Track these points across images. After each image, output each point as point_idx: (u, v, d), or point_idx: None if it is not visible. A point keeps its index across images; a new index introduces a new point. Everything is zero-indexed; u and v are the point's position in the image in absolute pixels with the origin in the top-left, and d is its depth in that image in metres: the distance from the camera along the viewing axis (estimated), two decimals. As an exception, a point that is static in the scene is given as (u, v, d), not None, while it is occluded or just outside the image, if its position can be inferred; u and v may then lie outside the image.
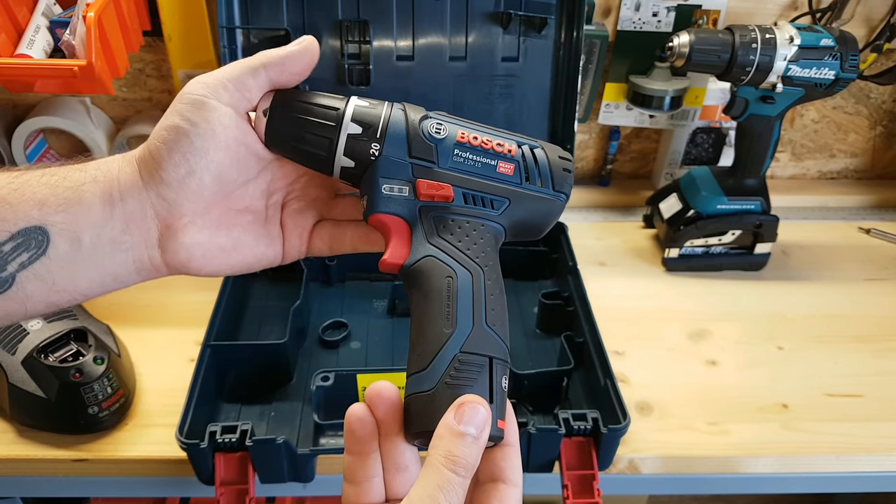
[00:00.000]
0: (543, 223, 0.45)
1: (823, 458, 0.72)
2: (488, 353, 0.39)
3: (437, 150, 0.42)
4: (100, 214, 0.38)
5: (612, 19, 0.97)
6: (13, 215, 0.36)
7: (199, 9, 0.88)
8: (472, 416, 0.36)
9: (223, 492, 0.65)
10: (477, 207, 0.43)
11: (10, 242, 0.36)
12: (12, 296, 0.37)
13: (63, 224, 0.37)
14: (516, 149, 0.44)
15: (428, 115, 0.43)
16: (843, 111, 1.09)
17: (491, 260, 0.42)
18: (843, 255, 1.00)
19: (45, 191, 0.37)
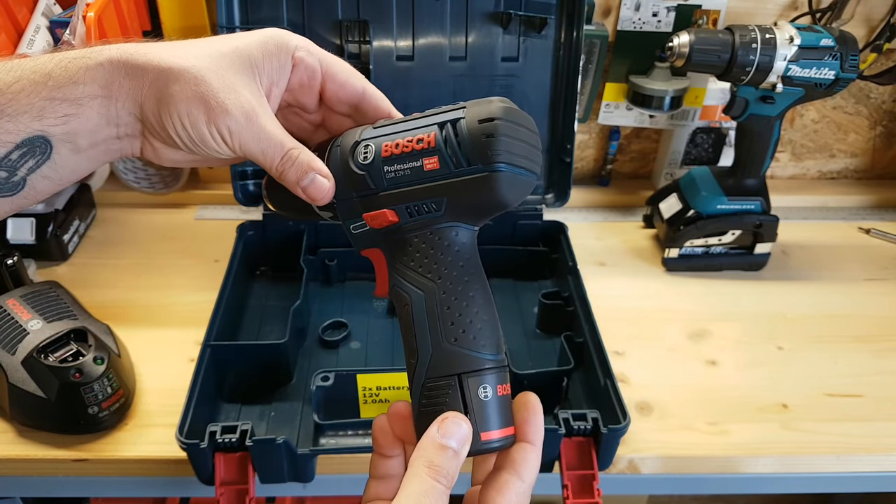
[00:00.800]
0: (496, 202, 0.40)
1: (823, 458, 0.72)
2: (454, 371, 0.39)
3: (371, 176, 0.41)
4: (96, 123, 0.39)
5: (612, 19, 0.97)
6: (14, 128, 0.37)
7: (199, 9, 0.88)
8: (453, 431, 0.37)
9: (223, 492, 0.65)
10: (422, 217, 0.41)
11: (17, 151, 0.38)
12: (25, 194, 0.39)
13: (65, 134, 0.39)
14: (437, 135, 0.39)
15: (358, 139, 0.42)
16: (843, 111, 1.09)
17: (447, 267, 0.40)
18: (843, 255, 1.00)
19: (41, 103, 0.38)
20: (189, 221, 1.02)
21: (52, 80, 0.38)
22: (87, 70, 0.39)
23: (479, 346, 0.39)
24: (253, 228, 0.90)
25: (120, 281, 0.90)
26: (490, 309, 0.41)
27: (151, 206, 1.04)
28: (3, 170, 0.38)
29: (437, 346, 0.39)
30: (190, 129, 0.40)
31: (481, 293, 0.41)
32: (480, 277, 0.41)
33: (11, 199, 0.39)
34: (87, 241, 0.97)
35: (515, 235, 0.93)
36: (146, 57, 0.39)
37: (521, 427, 0.40)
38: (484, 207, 0.40)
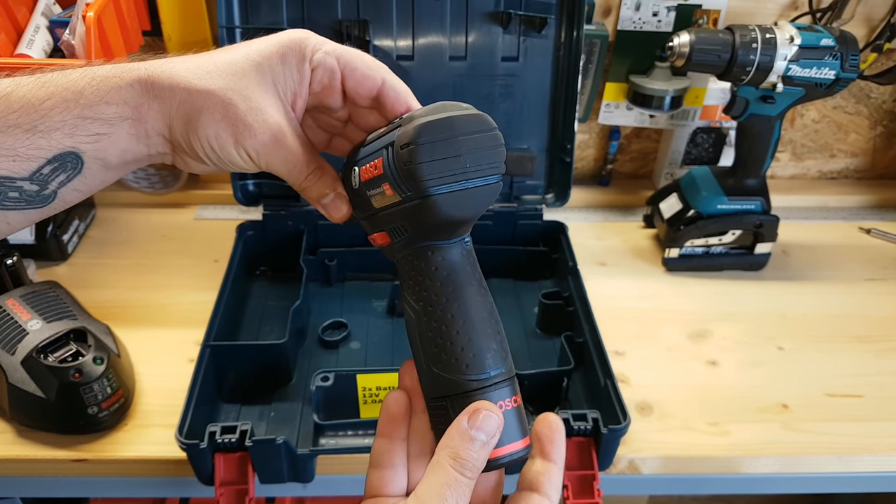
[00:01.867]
0: (450, 222, 0.38)
1: (823, 458, 0.72)
2: (442, 394, 0.39)
3: (361, 198, 0.41)
4: (127, 143, 0.40)
5: (612, 19, 0.97)
6: (47, 143, 0.38)
7: (199, 9, 0.88)
8: (484, 423, 0.37)
9: (223, 492, 0.65)
10: (402, 238, 0.40)
11: (48, 166, 0.38)
12: (55, 206, 0.40)
13: (95, 151, 0.39)
14: (384, 160, 0.38)
15: (353, 160, 0.42)
16: (844, 111, 1.09)
17: (426, 289, 0.39)
18: (843, 255, 1.00)
19: (74, 121, 0.38)
20: (189, 221, 1.02)
21: (83, 98, 0.38)
22: (118, 90, 0.39)
23: (463, 367, 0.38)
24: (252, 228, 0.90)
25: (120, 281, 0.90)
26: (470, 327, 0.39)
27: (151, 206, 1.04)
28: (35, 183, 0.38)
29: (426, 369, 0.39)
30: (219, 152, 0.40)
31: (461, 312, 0.39)
32: (459, 296, 0.39)
33: (41, 210, 0.40)
34: (86, 241, 0.97)
35: (515, 235, 0.93)
36: (172, 79, 0.40)
37: (547, 447, 0.40)
38: (443, 227, 0.38)
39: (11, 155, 0.37)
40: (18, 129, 0.37)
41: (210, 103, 0.39)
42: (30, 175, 0.38)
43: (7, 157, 0.37)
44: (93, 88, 0.39)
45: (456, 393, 0.38)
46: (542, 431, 0.40)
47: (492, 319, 0.40)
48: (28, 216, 0.39)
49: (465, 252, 0.40)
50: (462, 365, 0.38)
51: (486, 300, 0.40)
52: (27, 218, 0.39)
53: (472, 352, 0.38)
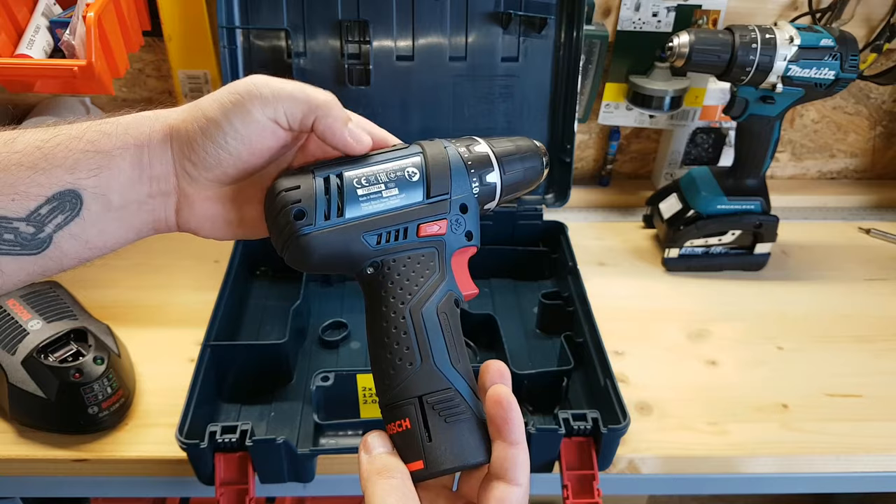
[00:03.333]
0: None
1: (823, 458, 0.72)
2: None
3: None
4: (129, 177, 0.40)
5: (612, 19, 0.97)
6: (47, 180, 0.37)
7: (199, 9, 0.88)
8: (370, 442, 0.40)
9: (223, 492, 0.65)
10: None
11: (47, 206, 0.38)
12: (50, 255, 0.39)
13: (96, 187, 0.39)
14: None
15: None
16: (843, 111, 1.09)
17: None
18: (843, 255, 1.00)
19: (76, 156, 0.38)
20: (189, 221, 1.02)
21: (87, 135, 0.39)
22: (121, 124, 0.40)
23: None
24: (253, 228, 0.90)
25: (120, 281, 0.90)
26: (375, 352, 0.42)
27: (151, 206, 1.04)
28: (31, 224, 0.37)
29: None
30: (213, 112, 0.39)
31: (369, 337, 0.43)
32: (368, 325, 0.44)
33: (35, 258, 0.38)
34: (87, 241, 0.97)
35: (515, 235, 0.93)
36: (175, 109, 0.42)
37: (503, 430, 0.38)
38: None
39: (10, 193, 0.37)
40: (21, 166, 0.37)
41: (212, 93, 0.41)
42: (27, 215, 0.37)
43: (6, 196, 0.37)
44: (96, 127, 0.39)
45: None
46: (495, 413, 0.38)
47: (393, 341, 0.41)
48: (22, 265, 0.38)
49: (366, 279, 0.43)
50: (375, 385, 0.42)
51: (388, 321, 0.42)
52: (21, 267, 0.38)
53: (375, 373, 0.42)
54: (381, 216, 0.41)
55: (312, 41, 0.85)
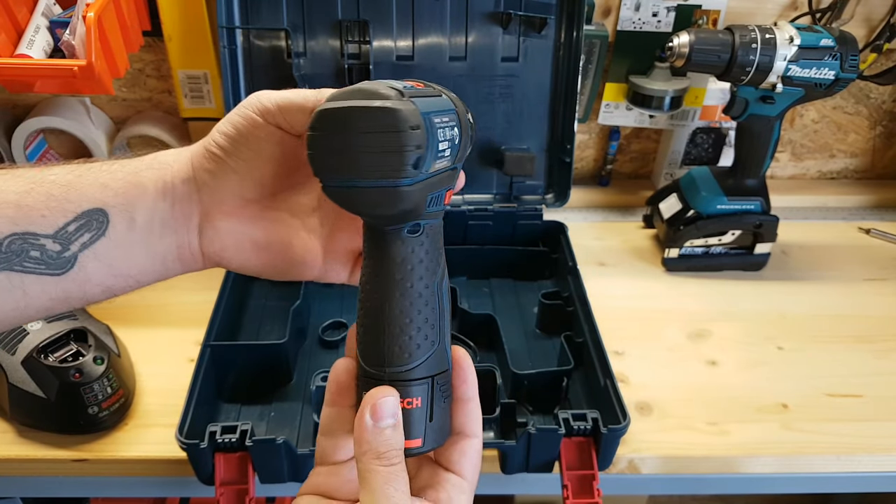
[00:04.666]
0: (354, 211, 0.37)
1: (823, 458, 0.72)
2: (368, 370, 0.39)
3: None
4: (153, 196, 0.40)
5: (612, 19, 0.97)
6: (78, 197, 0.38)
7: (199, 9, 0.88)
8: (384, 410, 0.37)
9: (223, 492, 0.65)
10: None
11: (75, 223, 0.38)
12: (74, 277, 0.39)
13: (121, 206, 0.39)
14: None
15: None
16: (843, 111, 1.09)
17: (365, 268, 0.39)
18: (843, 255, 1.00)
19: (106, 177, 0.39)
20: (189, 221, 1.02)
21: (119, 163, 0.41)
22: (150, 155, 0.41)
23: (364, 357, 0.39)
24: (253, 228, 0.90)
25: (120, 281, 0.90)
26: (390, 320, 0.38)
27: (151, 206, 1.04)
28: (58, 242, 0.38)
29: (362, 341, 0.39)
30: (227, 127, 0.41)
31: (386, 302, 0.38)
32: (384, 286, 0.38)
33: (58, 279, 0.38)
34: (87, 241, 0.97)
35: (515, 235, 0.93)
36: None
37: (459, 388, 0.39)
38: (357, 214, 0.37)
39: (42, 208, 0.37)
40: (55, 184, 0.38)
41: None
42: (55, 232, 0.37)
43: (37, 211, 0.37)
44: (130, 157, 0.41)
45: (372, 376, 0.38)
46: (455, 374, 0.40)
47: (423, 316, 0.38)
48: (44, 285, 0.38)
49: (405, 240, 0.37)
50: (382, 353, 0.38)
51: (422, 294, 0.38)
52: (44, 288, 0.38)
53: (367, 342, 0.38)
54: (440, 176, 0.37)
55: (312, 41, 0.85)
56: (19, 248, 0.37)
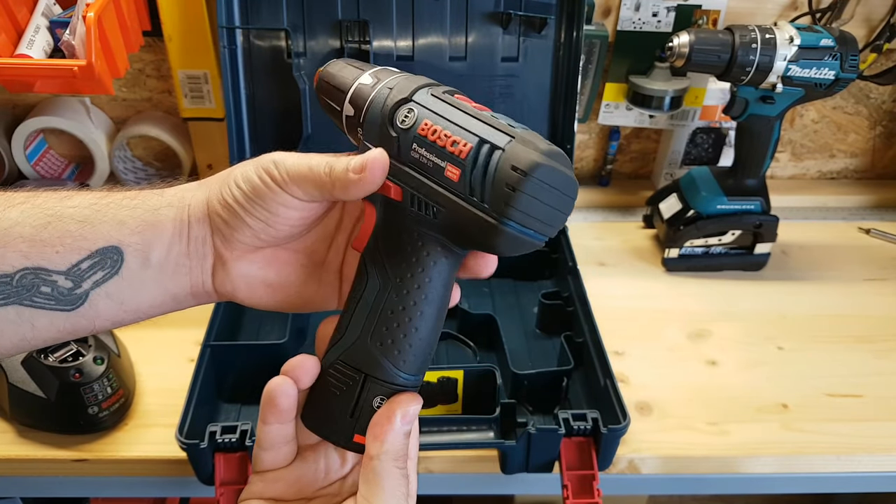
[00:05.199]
0: (489, 248, 0.37)
1: (823, 458, 0.72)
2: (364, 370, 0.39)
3: (399, 142, 0.38)
4: (170, 236, 0.40)
5: (612, 19, 0.97)
6: (94, 234, 0.38)
7: (199, 9, 0.88)
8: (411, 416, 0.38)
9: (223, 492, 0.65)
10: (419, 213, 0.38)
11: (88, 260, 0.38)
12: (84, 313, 0.38)
13: (137, 245, 0.39)
14: (471, 149, 0.36)
15: (409, 97, 0.38)
16: (843, 111, 1.09)
17: (414, 276, 0.38)
18: (842, 255, 1.00)
19: (125, 213, 0.39)
20: (189, 221, 1.02)
21: (140, 195, 0.40)
22: (169, 190, 0.41)
23: (400, 362, 0.39)
24: (253, 228, 0.90)
25: (120, 281, 0.90)
26: (432, 336, 0.40)
27: (151, 206, 1.04)
28: (70, 278, 0.37)
29: (363, 339, 0.39)
30: (244, 185, 0.39)
31: (432, 318, 0.39)
32: (438, 303, 0.39)
33: (68, 315, 0.38)
34: (87, 241, 0.97)
35: (515, 235, 0.93)
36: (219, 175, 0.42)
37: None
38: (475, 244, 0.38)
39: (57, 245, 0.37)
40: (72, 219, 0.38)
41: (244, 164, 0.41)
42: (67, 269, 0.37)
43: (51, 247, 0.37)
44: (147, 190, 0.40)
45: (381, 379, 0.39)
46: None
47: (439, 333, 0.41)
48: (53, 320, 0.38)
49: (455, 267, 0.40)
50: (402, 360, 0.39)
51: (445, 313, 0.41)
52: (52, 323, 0.38)
53: (418, 354, 0.39)
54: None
55: (312, 41, 0.85)
56: (30, 283, 0.36)
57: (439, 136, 0.37)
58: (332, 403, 0.40)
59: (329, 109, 0.43)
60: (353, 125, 0.41)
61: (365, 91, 0.40)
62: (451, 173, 0.36)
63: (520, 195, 0.35)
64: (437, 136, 0.37)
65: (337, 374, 0.40)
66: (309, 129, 0.86)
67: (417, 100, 0.38)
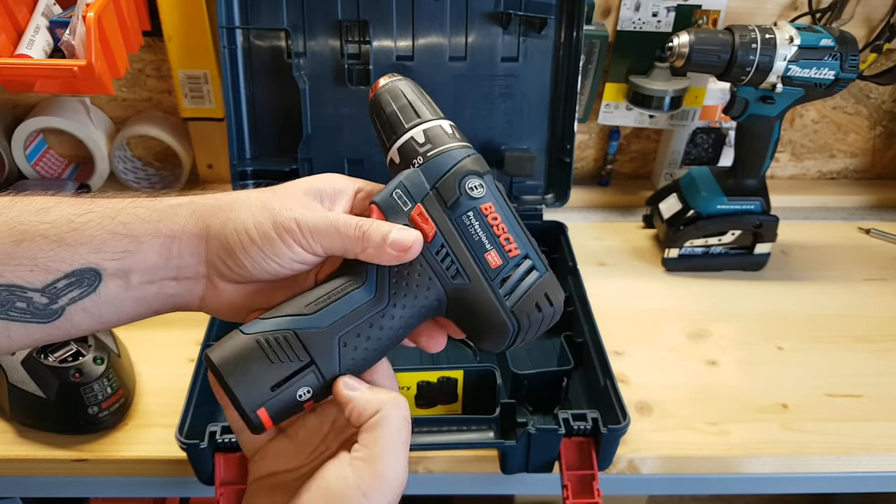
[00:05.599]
0: (483, 333, 0.42)
1: (823, 458, 0.72)
2: (314, 357, 0.39)
3: (458, 202, 0.41)
4: (154, 263, 0.39)
5: (612, 19, 0.97)
6: (70, 256, 0.37)
7: (199, 9, 0.88)
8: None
9: (223, 492, 0.65)
10: (442, 264, 0.41)
11: (65, 280, 0.37)
12: (59, 325, 0.38)
13: (117, 268, 0.38)
14: (518, 256, 0.42)
15: (482, 173, 0.42)
16: (843, 111, 1.09)
17: (405, 309, 0.41)
18: (842, 255, 1.00)
19: (104, 236, 0.38)
20: (189, 221, 1.02)
21: (120, 215, 0.39)
22: (156, 210, 0.39)
23: (346, 367, 0.40)
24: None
25: (120, 281, 0.90)
26: (378, 358, 0.42)
27: (151, 206, 1.04)
28: (46, 296, 0.37)
29: (332, 332, 0.39)
30: (257, 238, 0.39)
31: (390, 347, 0.42)
32: (399, 339, 0.42)
33: (45, 327, 0.38)
34: (87, 241, 0.97)
35: (515, 235, 0.93)
36: (214, 197, 0.41)
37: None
38: (466, 320, 0.42)
39: (30, 264, 0.36)
40: (46, 239, 0.37)
41: (249, 200, 0.40)
42: (43, 287, 0.37)
43: (25, 266, 0.36)
44: (132, 208, 0.39)
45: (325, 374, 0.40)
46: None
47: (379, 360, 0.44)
48: (30, 331, 0.38)
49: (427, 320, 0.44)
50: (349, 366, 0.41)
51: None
52: (29, 333, 0.38)
53: (359, 367, 0.42)
54: None
55: (312, 41, 0.85)
56: (5, 299, 0.36)
57: (497, 225, 0.42)
58: (258, 366, 0.38)
59: (382, 125, 0.45)
60: (415, 150, 0.43)
61: (442, 135, 0.43)
62: (492, 259, 0.41)
63: (538, 315, 0.41)
64: (496, 222, 0.42)
65: (282, 343, 0.39)
66: (309, 129, 0.86)
67: (488, 180, 0.43)
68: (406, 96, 0.44)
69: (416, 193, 0.42)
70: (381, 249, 0.39)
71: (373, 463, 0.37)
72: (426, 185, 0.42)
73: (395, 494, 0.37)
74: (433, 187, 0.42)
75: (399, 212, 0.41)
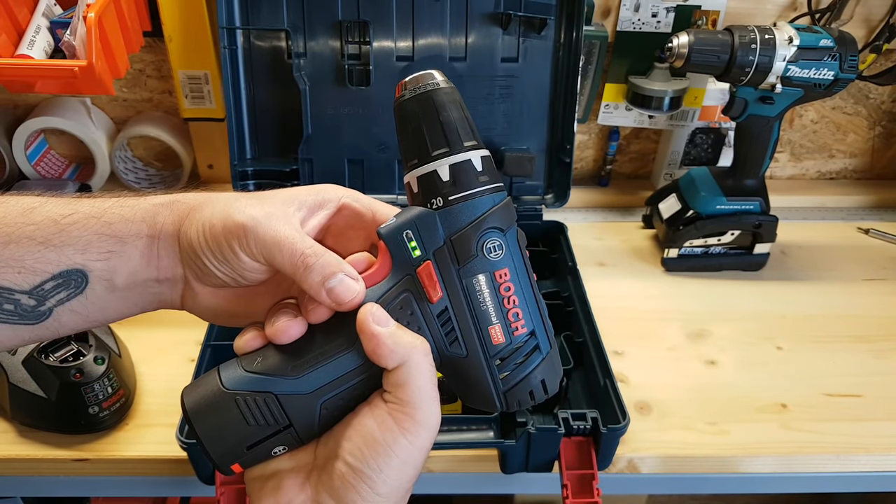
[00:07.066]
0: (470, 400, 0.40)
1: (822, 457, 0.72)
2: (293, 421, 0.37)
3: (471, 260, 0.38)
4: (137, 264, 0.39)
5: (612, 20, 0.97)
6: (57, 257, 0.37)
7: (199, 9, 0.88)
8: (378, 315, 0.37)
9: (223, 491, 0.65)
10: (441, 329, 0.38)
11: (52, 282, 0.37)
12: (47, 325, 0.39)
13: (103, 269, 0.39)
14: (523, 332, 0.38)
15: (503, 232, 0.38)
16: (843, 111, 1.10)
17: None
18: (842, 255, 1.00)
19: (89, 237, 0.38)
20: (189, 222, 1.02)
21: (105, 216, 0.39)
22: (140, 210, 0.39)
23: (324, 428, 0.39)
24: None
25: (120, 281, 0.90)
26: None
27: (151, 206, 1.04)
28: (33, 297, 0.37)
29: (314, 398, 0.38)
30: (209, 239, 0.38)
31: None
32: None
33: (33, 328, 0.38)
34: (87, 241, 0.97)
35: (515, 236, 0.93)
36: (193, 196, 0.41)
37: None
38: (464, 389, 0.40)
39: (17, 266, 0.37)
40: (32, 241, 0.37)
41: (217, 202, 0.40)
42: (30, 289, 0.37)
43: (12, 268, 0.37)
44: (117, 208, 0.39)
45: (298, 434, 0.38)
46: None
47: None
48: (17, 332, 0.38)
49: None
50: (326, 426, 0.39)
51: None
52: (16, 334, 0.38)
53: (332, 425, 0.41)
54: None
55: (312, 42, 0.85)
56: None
57: (509, 297, 0.38)
58: (234, 426, 0.37)
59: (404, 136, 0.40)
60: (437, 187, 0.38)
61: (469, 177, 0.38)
62: (495, 334, 0.38)
63: (529, 401, 0.39)
64: (508, 293, 0.38)
65: (261, 406, 0.37)
66: (309, 130, 0.86)
67: (510, 238, 0.39)
68: (438, 113, 0.38)
69: (427, 241, 0.38)
70: (317, 291, 0.37)
71: (411, 410, 0.36)
72: (441, 234, 0.38)
73: (433, 438, 0.37)
74: (448, 238, 0.38)
75: (405, 257, 0.38)
